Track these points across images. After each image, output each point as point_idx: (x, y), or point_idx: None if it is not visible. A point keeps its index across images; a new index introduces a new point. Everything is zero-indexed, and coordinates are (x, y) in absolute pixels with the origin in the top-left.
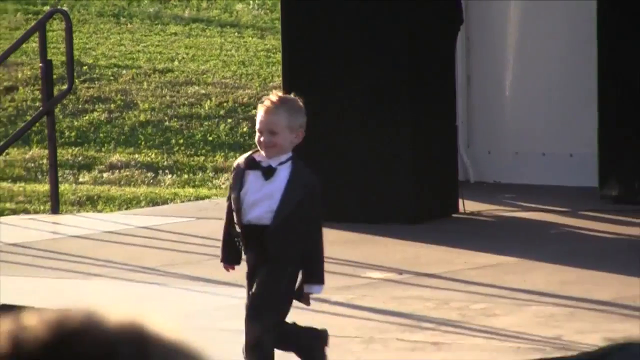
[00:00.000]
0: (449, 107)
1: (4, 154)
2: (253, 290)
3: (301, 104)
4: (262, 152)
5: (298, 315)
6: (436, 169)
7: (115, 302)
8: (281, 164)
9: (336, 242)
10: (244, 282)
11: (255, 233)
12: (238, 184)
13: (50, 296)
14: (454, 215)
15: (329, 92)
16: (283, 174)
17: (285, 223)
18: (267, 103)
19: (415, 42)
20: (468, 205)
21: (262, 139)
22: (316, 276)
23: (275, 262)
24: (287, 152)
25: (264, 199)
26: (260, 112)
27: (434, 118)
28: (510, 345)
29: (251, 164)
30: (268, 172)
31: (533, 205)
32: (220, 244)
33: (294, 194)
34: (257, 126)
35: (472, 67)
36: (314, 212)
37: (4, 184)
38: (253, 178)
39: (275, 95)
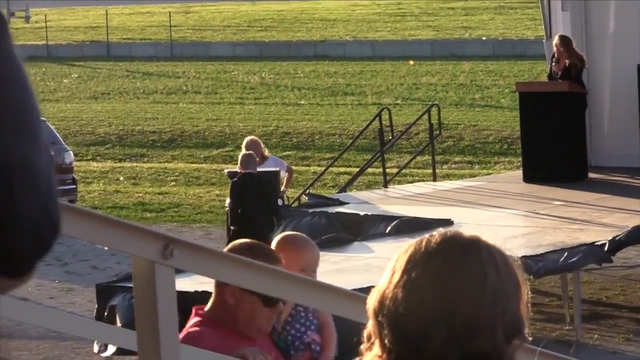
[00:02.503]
0: (583, 137)
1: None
2: None
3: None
4: None
5: (524, 219)
6: (580, 160)
7: (459, 216)
8: None
9: (541, 190)
10: None
11: None
12: None
13: (436, 215)
14: (585, 179)
15: (538, 129)
16: None
17: None
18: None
19: (570, 114)
20: (591, 175)
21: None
22: None
23: None
24: None
25: None
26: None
27: (578, 141)
28: (609, 229)
29: None
30: None
31: (618, 175)
32: None
33: None
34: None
35: (592, 120)
36: None
37: (414, 170)
38: None
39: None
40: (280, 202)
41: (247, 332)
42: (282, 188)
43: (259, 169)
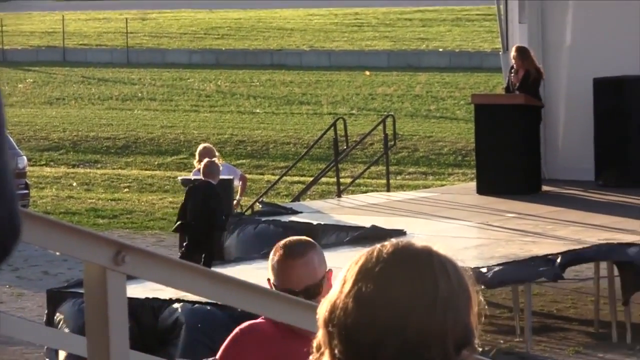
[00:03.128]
0: (537, 150)
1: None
2: None
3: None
4: None
5: (478, 230)
6: (532, 172)
7: (411, 227)
8: None
9: (495, 202)
10: None
11: None
12: None
13: (384, 225)
14: (539, 191)
15: (493, 142)
16: None
17: None
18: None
19: (525, 127)
20: (545, 188)
21: None
22: None
23: None
24: None
25: None
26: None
27: (532, 153)
28: (562, 242)
29: None
30: None
31: (572, 188)
32: None
33: None
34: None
35: (546, 133)
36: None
37: (368, 181)
38: None
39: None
40: (224, 218)
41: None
42: (237, 197)
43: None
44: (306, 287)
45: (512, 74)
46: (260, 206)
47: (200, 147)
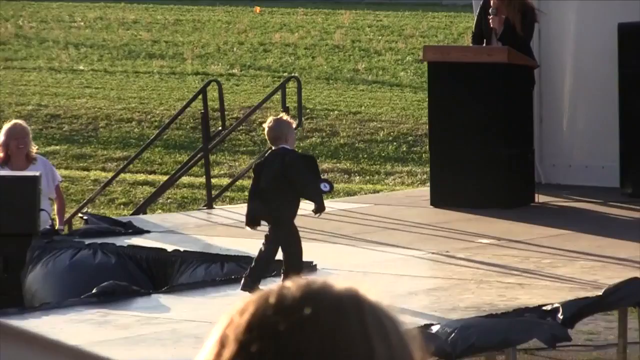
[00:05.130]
0: (529, 137)
1: None
2: None
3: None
4: None
5: (433, 264)
6: (521, 175)
7: (323, 258)
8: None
9: (460, 219)
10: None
11: None
12: None
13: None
14: (531, 204)
15: (457, 122)
16: None
17: None
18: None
19: (509, 100)
20: (541, 198)
21: None
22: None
23: None
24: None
25: None
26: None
27: (519, 144)
28: (566, 286)
29: None
30: None
31: (580, 198)
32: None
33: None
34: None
35: (543, 113)
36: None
37: None
38: None
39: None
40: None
41: None
42: (58, 225)
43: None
44: None
45: (490, 15)
46: (84, 221)
47: (7, 126)
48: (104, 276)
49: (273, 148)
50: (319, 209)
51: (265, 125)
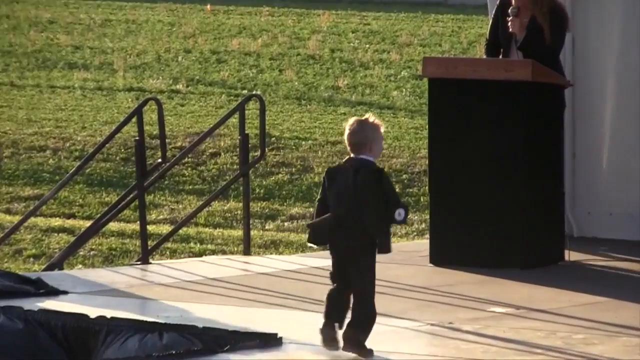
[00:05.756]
0: (558, 178)
1: (207, 206)
2: None
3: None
4: None
5: (433, 339)
6: (547, 225)
7: (290, 328)
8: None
9: (467, 282)
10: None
11: None
12: None
13: (239, 322)
14: (560, 263)
15: (465, 157)
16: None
17: None
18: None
19: (532, 128)
20: (572, 256)
21: None
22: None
23: None
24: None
25: None
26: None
27: (546, 185)
28: None
29: None
30: None
31: (623, 257)
32: None
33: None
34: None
35: (576, 146)
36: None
37: (207, 230)
38: None
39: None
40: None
41: None
42: None
43: None
44: None
45: (510, 17)
46: None
47: None
48: (7, 348)
49: (352, 156)
50: (381, 250)
51: (347, 128)
